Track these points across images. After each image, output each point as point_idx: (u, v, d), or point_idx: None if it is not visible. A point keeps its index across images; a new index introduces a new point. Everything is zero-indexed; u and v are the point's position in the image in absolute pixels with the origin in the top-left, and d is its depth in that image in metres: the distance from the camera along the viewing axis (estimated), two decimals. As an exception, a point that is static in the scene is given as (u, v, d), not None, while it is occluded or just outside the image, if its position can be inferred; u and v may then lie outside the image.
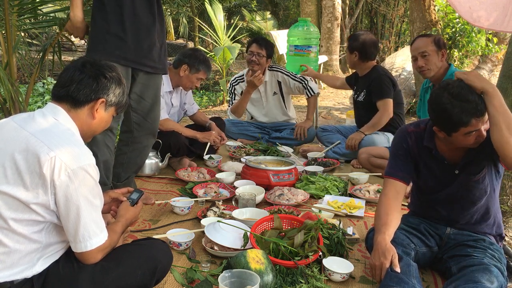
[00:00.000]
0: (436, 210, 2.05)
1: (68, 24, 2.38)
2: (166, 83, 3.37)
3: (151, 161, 3.19)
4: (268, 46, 4.00)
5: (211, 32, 8.01)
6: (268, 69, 4.10)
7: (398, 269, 1.73)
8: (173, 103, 3.52)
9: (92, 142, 2.35)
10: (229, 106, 4.33)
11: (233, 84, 4.30)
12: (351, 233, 2.31)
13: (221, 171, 3.24)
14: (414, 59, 3.00)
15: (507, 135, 1.70)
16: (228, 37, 7.97)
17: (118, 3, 2.31)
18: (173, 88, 3.46)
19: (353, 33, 3.91)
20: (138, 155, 2.66)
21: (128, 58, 2.36)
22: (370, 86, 3.62)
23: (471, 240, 1.92)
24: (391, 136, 3.64)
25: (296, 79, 4.13)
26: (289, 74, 4.14)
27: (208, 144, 3.52)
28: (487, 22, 3.10)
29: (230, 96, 4.33)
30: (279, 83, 4.16)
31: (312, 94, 4.13)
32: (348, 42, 3.76)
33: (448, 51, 6.52)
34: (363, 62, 3.66)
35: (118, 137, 2.77)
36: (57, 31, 3.42)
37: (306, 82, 4.12)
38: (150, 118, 2.58)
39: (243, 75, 4.24)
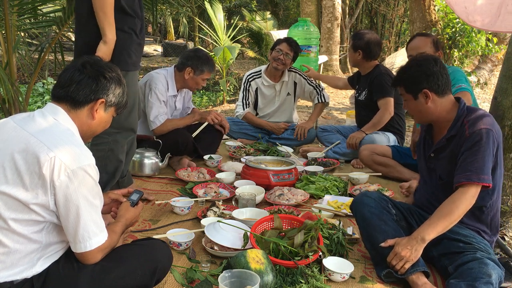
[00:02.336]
0: (425, 197, 2.12)
1: (103, 49, 2.15)
2: (171, 87, 3.37)
3: (151, 161, 3.19)
4: (298, 49, 4.00)
5: (211, 32, 8.02)
6: (287, 70, 4.11)
7: None
8: (177, 106, 3.52)
9: (120, 150, 2.38)
10: (244, 104, 4.18)
11: (249, 79, 4.19)
12: (351, 233, 2.31)
13: (221, 171, 3.24)
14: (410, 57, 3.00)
15: (448, 223, 1.84)
16: (228, 37, 7.97)
17: (137, 14, 2.32)
18: (177, 91, 3.46)
19: (357, 31, 3.84)
20: (132, 143, 2.65)
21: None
22: (371, 85, 3.62)
23: (456, 233, 1.91)
24: (391, 136, 3.63)
25: (311, 84, 4.13)
26: (306, 78, 4.14)
27: (204, 124, 3.46)
28: (481, 23, 3.13)
29: (244, 92, 4.20)
30: (295, 84, 4.15)
31: (323, 101, 4.12)
32: (352, 40, 3.71)
33: (448, 51, 6.52)
34: (366, 61, 3.66)
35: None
36: (57, 31, 3.42)
37: (320, 89, 4.14)
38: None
39: (260, 71, 4.19)
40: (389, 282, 1.91)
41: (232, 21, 11.41)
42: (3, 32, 3.23)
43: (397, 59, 6.92)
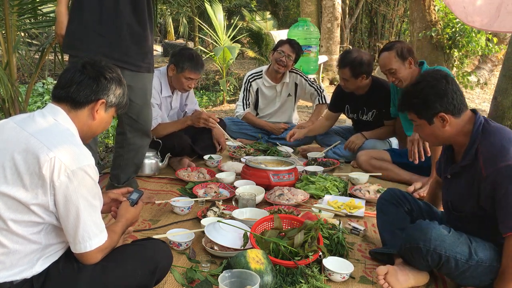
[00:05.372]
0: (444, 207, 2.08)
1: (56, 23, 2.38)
2: (164, 88, 3.33)
3: (151, 161, 3.19)
4: (300, 51, 3.98)
5: (211, 32, 8.02)
6: (288, 71, 4.09)
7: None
8: (173, 106, 3.48)
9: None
10: (244, 104, 4.17)
11: (250, 80, 4.17)
12: (360, 227, 2.37)
13: (221, 171, 3.24)
14: (385, 74, 3.02)
15: None
16: (228, 37, 7.97)
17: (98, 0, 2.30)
18: (172, 92, 3.41)
19: (347, 58, 3.37)
20: (135, 156, 2.65)
21: (107, 55, 2.28)
22: (383, 105, 3.45)
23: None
24: (394, 141, 3.63)
25: (312, 85, 4.12)
26: (307, 80, 4.13)
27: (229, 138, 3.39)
28: (480, 23, 3.14)
29: (244, 92, 4.18)
30: (296, 85, 4.14)
31: (323, 102, 4.12)
32: (351, 68, 3.33)
33: (448, 51, 6.52)
34: (366, 80, 3.46)
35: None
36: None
37: (321, 90, 4.13)
38: (141, 119, 2.55)
39: (261, 71, 4.18)
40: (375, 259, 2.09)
41: (232, 21, 11.41)
42: (3, 32, 3.23)
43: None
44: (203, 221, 2.29)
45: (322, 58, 6.25)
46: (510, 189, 1.61)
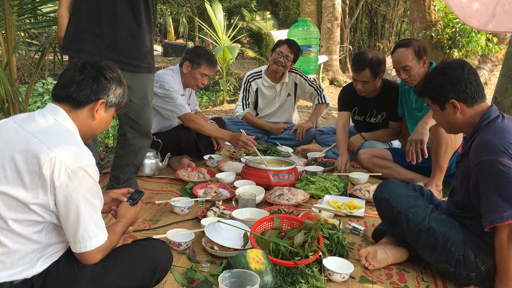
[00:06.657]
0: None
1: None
2: (178, 86, 3.35)
3: (151, 161, 3.19)
4: (298, 51, 3.97)
5: (211, 32, 8.02)
6: (287, 71, 4.08)
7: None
8: None
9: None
10: (244, 104, 4.16)
11: (249, 80, 4.17)
12: (360, 227, 2.36)
13: (221, 171, 3.24)
14: (397, 70, 3.00)
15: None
16: (228, 37, 7.97)
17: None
18: (183, 90, 3.44)
19: (362, 58, 3.28)
20: (135, 157, 2.65)
21: (104, 56, 2.17)
22: (394, 106, 3.42)
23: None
24: (395, 142, 3.62)
25: (312, 85, 4.12)
26: (306, 79, 4.13)
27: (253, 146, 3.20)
28: (478, 23, 3.15)
29: (244, 92, 4.18)
30: (296, 85, 4.14)
31: (323, 102, 4.11)
32: (371, 68, 3.26)
33: (448, 51, 6.53)
34: (379, 80, 3.42)
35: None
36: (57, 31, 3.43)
37: (321, 90, 4.13)
38: (141, 120, 2.54)
39: (260, 71, 4.18)
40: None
41: (232, 21, 11.41)
42: (3, 32, 3.23)
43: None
44: (203, 221, 2.29)
45: (322, 58, 6.25)
46: (490, 185, 1.63)
